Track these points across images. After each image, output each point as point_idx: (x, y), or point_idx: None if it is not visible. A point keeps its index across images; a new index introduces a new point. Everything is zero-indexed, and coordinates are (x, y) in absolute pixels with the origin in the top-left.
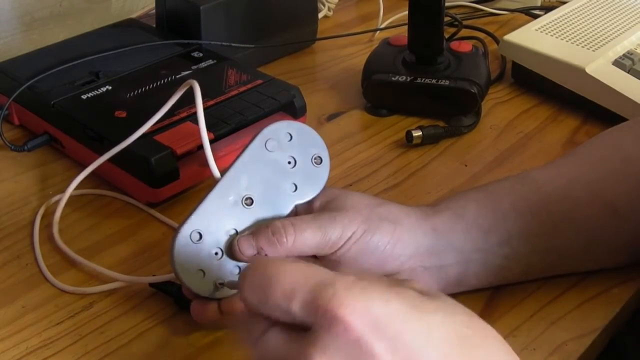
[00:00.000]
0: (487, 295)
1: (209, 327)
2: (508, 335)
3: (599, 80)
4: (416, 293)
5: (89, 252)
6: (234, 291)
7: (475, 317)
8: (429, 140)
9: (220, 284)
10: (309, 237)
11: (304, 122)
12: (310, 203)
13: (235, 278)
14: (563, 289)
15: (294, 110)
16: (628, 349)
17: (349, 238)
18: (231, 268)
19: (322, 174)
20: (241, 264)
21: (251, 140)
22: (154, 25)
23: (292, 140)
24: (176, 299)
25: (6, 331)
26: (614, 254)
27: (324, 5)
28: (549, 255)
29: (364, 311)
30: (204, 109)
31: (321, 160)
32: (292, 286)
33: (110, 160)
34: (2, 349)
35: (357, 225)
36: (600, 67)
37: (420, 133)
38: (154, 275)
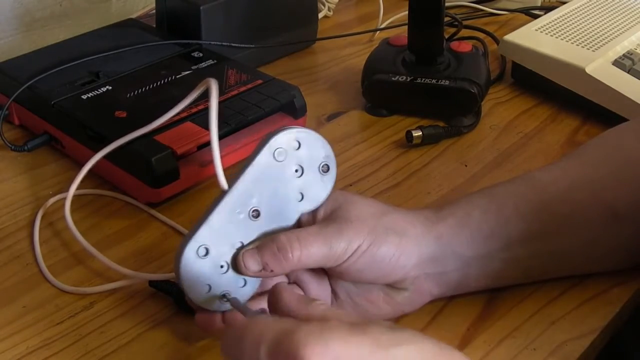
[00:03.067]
0: (487, 296)
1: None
2: (508, 336)
3: (598, 80)
4: (382, 328)
5: (89, 252)
6: None
7: (441, 344)
8: (429, 140)
9: (225, 297)
10: (314, 251)
11: (304, 122)
12: (314, 212)
13: (241, 291)
14: (562, 289)
15: (294, 110)
16: (628, 349)
17: (355, 251)
18: (237, 281)
19: (328, 182)
20: (247, 277)
21: (259, 149)
22: (154, 25)
23: (300, 148)
24: (176, 299)
25: (6, 331)
26: (614, 256)
27: (324, 5)
28: (549, 258)
29: (324, 352)
30: (204, 109)
31: (328, 168)
32: (259, 335)
33: (110, 160)
34: (2, 349)
35: (362, 237)
36: (600, 67)
37: (420, 133)
38: (154, 274)
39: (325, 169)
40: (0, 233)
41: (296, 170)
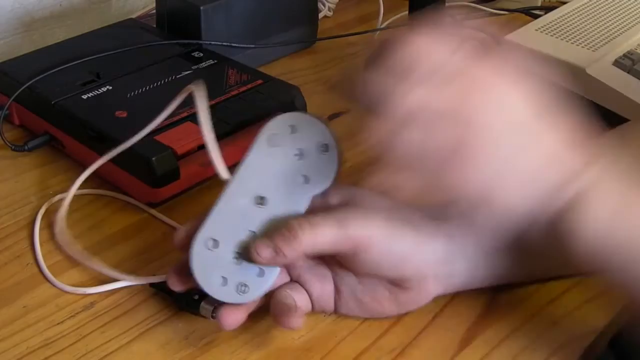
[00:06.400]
0: (488, 295)
1: (208, 327)
2: (508, 336)
3: (599, 81)
4: None
5: (89, 252)
6: (257, 295)
7: None
8: None
9: (243, 287)
10: (326, 231)
11: None
12: (326, 199)
13: (258, 280)
14: (563, 289)
15: (294, 110)
16: (628, 349)
17: (370, 236)
18: (253, 270)
19: (332, 161)
20: (263, 266)
21: (255, 138)
22: (154, 26)
23: (294, 131)
24: (176, 299)
25: (7, 331)
26: None
27: (324, 5)
28: (553, 258)
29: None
30: None
31: (327, 147)
32: None
33: (110, 160)
34: (2, 349)
35: (377, 225)
36: (600, 67)
37: None
38: (154, 275)
39: (324, 148)
40: (0, 233)
41: (295, 154)
